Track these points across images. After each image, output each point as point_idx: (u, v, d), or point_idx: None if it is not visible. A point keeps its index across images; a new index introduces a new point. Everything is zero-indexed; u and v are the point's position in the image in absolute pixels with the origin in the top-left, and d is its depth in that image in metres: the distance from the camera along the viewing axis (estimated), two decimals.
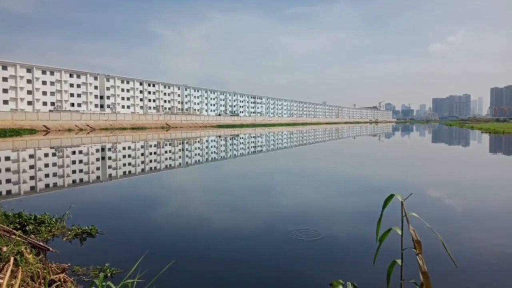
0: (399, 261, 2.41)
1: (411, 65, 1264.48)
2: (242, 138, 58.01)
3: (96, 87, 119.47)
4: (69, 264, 5.93)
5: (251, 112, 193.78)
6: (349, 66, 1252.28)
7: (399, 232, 2.32)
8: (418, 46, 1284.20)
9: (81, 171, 20.31)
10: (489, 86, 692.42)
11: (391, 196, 2.30)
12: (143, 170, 20.87)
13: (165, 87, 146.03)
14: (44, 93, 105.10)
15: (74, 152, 32.27)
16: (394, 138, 62.06)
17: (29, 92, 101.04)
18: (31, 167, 22.26)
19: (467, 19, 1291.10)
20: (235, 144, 44.97)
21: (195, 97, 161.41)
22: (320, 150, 37.24)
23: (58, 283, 4.96)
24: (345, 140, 54.96)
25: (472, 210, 10.68)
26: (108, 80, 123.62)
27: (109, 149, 36.07)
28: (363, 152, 34.14)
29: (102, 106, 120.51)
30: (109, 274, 5.75)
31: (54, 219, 8.38)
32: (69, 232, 7.86)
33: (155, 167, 21.98)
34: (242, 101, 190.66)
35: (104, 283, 3.94)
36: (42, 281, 4.83)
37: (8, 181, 16.62)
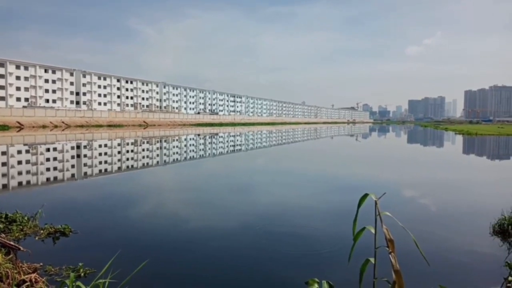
0: (372, 260, 2.43)
1: (388, 66, 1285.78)
2: (221, 137, 57.82)
3: (72, 83, 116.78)
4: (41, 264, 5.79)
5: (230, 111, 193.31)
6: (328, 67, 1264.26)
7: (373, 231, 2.35)
8: (395, 48, 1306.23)
9: (55, 169, 19.85)
10: (463, 89, 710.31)
11: (366, 195, 2.33)
12: (119, 168, 20.56)
13: (143, 84, 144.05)
14: (18, 88, 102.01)
15: (48, 150, 31.52)
16: (371, 139, 62.99)
17: (1, 87, 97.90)
18: (3, 164, 21.63)
19: (443, 23, 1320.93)
20: (214, 142, 44.79)
21: (174, 94, 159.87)
22: (299, 149, 37.47)
23: (29, 283, 4.83)
24: (323, 140, 55.47)
25: (444, 210, 10.92)
26: (84, 76, 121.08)
27: (85, 147, 35.38)
28: (340, 152, 34.53)
29: (78, 103, 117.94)
30: (82, 274, 5.64)
31: (26, 218, 8.16)
32: (42, 231, 7.67)
33: (132, 166, 21.69)
34: (222, 100, 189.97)
35: (74, 283, 3.85)
36: (12, 281, 4.70)
37: None
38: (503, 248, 7.09)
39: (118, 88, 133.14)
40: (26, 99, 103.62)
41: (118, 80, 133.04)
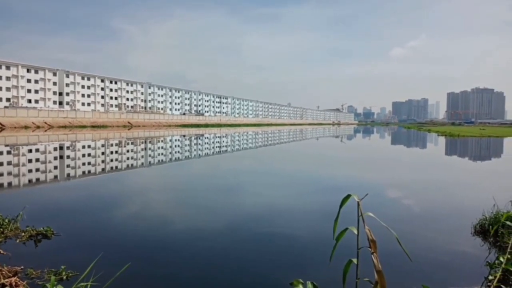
0: (355, 260, 2.46)
1: (373, 68, 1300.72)
2: (207, 138, 57.63)
3: (55, 83, 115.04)
4: (22, 267, 5.68)
5: (216, 112, 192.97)
6: (313, 68, 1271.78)
7: (356, 231, 2.37)
8: (380, 50, 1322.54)
9: (37, 170, 19.52)
10: (445, 91, 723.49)
11: (348, 196, 2.35)
12: (103, 170, 20.32)
13: (127, 84, 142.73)
14: None
15: (30, 150, 30.97)
16: (355, 140, 63.51)
17: None
18: None
19: (427, 25, 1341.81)
20: (199, 144, 44.61)
21: (159, 95, 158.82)
22: (285, 151, 37.57)
23: (9, 287, 4.74)
24: (308, 142, 55.74)
25: (427, 210, 11.08)
26: (67, 76, 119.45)
27: (68, 148, 34.87)
28: (325, 153, 34.74)
29: (61, 103, 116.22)
30: (64, 277, 5.56)
31: (7, 220, 7.99)
32: (23, 234, 7.53)
33: (116, 167, 21.46)
34: (208, 101, 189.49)
35: (55, 287, 3.79)
36: None
37: None
38: (484, 247, 7.22)
39: (102, 89, 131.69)
40: (8, 99, 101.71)
41: (102, 80, 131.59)
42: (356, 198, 2.35)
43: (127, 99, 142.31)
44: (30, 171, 19.01)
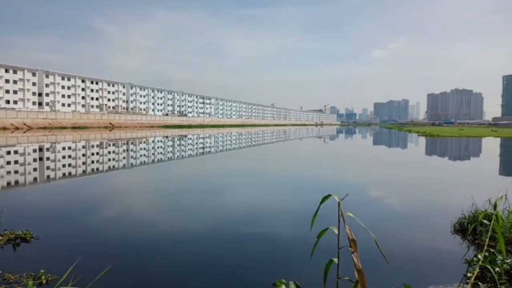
0: (336, 260, 2.48)
1: (355, 69, 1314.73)
2: (190, 139, 57.32)
3: (34, 84, 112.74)
4: (0, 272, 5.56)
5: (199, 113, 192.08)
6: (296, 69, 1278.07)
7: (336, 231, 2.40)
8: (361, 51, 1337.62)
9: (16, 172, 19.10)
10: (425, 92, 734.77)
11: (328, 196, 2.37)
12: (84, 172, 20.01)
13: (109, 85, 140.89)
14: None
15: (9, 152, 30.28)
16: (338, 141, 64.10)
17: None
18: None
19: (407, 28, 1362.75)
20: (182, 145, 44.34)
21: (141, 96, 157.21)
22: (268, 151, 37.63)
23: None
24: (292, 142, 55.97)
25: (408, 209, 11.25)
26: (47, 76, 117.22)
27: (48, 149, 34.23)
28: (308, 154, 34.94)
29: (40, 104, 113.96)
30: (44, 281, 5.46)
31: None
32: (1, 238, 7.35)
33: (97, 169, 21.16)
34: (191, 101, 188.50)
35: None
36: None
37: None
38: (463, 245, 7.37)
39: (83, 89, 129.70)
40: None
41: (83, 81, 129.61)
42: (336, 198, 2.37)
43: (109, 99, 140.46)
44: (8, 173, 18.59)
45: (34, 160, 25.45)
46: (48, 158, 26.48)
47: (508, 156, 34.17)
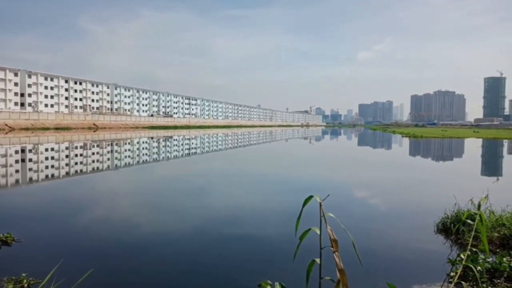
0: (318, 260, 2.49)
1: (340, 71, 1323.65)
2: (176, 140, 56.98)
3: (16, 84, 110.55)
4: None
5: (185, 114, 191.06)
6: (282, 70, 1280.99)
7: (318, 231, 2.41)
8: (347, 53, 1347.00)
9: None
10: (409, 94, 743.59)
11: (311, 196, 2.38)
12: (67, 173, 19.71)
13: (93, 85, 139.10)
14: None
15: None
16: (323, 142, 64.50)
17: None
18: None
19: (392, 30, 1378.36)
20: (168, 146, 44.05)
21: (125, 96, 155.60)
22: (255, 152, 37.64)
23: None
24: (278, 143, 56.10)
25: (392, 209, 11.37)
26: (30, 76, 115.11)
27: (30, 151, 33.63)
28: (294, 155, 35.06)
29: (22, 105, 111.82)
30: (26, 285, 5.34)
31: None
32: None
33: (80, 170, 20.87)
34: (176, 102, 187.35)
35: None
36: None
37: None
38: (446, 245, 7.48)
39: (66, 89, 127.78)
40: None
41: (66, 81, 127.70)
42: (318, 199, 2.38)
43: (93, 100, 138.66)
44: None
45: (16, 161, 24.99)
46: (30, 160, 26.02)
47: (490, 157, 34.84)
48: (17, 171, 20.42)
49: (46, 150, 34.77)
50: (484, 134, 77.75)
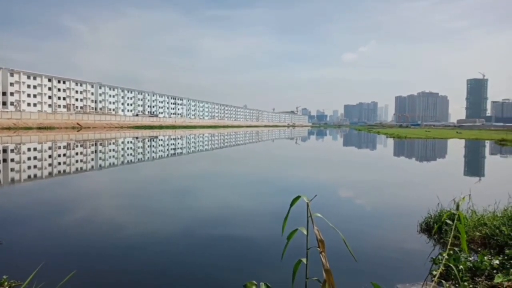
0: (304, 260, 2.50)
1: (326, 72, 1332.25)
2: (161, 140, 56.59)
3: None
4: None
5: (171, 113, 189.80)
6: (268, 71, 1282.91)
7: (305, 232, 2.42)
8: (332, 54, 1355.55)
9: None
10: (393, 95, 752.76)
11: (298, 197, 2.39)
12: (49, 174, 19.41)
13: (77, 84, 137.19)
14: None
15: None
16: (309, 142, 64.81)
17: None
18: None
19: (376, 32, 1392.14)
20: (153, 146, 43.72)
21: (110, 95, 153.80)
22: (241, 152, 37.61)
23: None
24: (264, 143, 56.16)
25: (376, 209, 11.48)
26: (12, 75, 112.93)
27: (12, 151, 33.01)
28: (280, 155, 35.14)
29: (4, 104, 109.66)
30: (7, 287, 5.25)
31: None
32: None
33: (63, 171, 20.57)
34: (162, 102, 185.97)
35: None
36: None
37: None
38: (429, 244, 7.59)
39: (50, 88, 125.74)
40: None
41: (50, 80, 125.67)
42: (305, 199, 2.39)
43: (76, 99, 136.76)
44: None
45: None
46: (12, 160, 25.54)
47: (472, 157, 35.45)
48: None
49: (29, 150, 34.18)
50: (467, 135, 79.13)
